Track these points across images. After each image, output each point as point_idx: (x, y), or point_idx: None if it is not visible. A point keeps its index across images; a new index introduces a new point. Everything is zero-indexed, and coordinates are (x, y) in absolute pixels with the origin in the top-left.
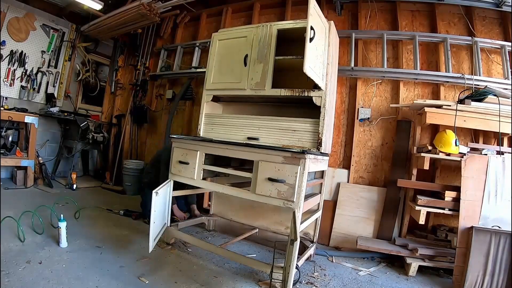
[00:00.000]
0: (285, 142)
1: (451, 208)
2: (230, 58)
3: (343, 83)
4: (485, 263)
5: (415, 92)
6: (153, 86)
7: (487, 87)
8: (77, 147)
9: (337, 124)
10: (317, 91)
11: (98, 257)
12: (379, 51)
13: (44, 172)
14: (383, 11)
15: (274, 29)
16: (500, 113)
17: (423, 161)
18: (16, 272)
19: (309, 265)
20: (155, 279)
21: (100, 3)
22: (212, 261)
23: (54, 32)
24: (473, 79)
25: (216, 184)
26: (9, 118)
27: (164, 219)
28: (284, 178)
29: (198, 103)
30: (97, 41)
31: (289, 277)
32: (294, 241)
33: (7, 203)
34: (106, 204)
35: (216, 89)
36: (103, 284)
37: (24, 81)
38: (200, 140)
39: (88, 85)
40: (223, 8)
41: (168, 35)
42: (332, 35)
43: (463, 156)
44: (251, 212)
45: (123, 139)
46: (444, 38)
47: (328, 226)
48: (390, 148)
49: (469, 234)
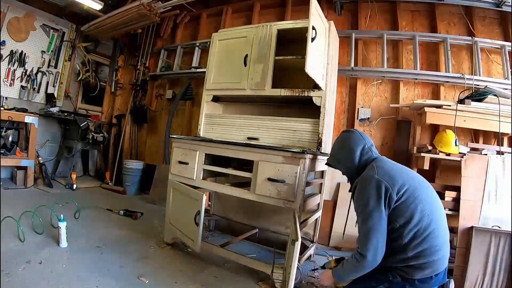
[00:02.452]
0: (285, 142)
1: (451, 208)
2: (230, 58)
3: (343, 83)
4: (485, 263)
5: (415, 92)
6: (153, 86)
7: (487, 87)
8: (77, 147)
9: (337, 124)
10: (317, 91)
11: (98, 257)
12: (379, 51)
13: (44, 172)
14: (383, 11)
15: (274, 29)
16: (500, 113)
17: (423, 161)
18: (16, 272)
19: (309, 265)
20: (155, 279)
21: (100, 3)
22: (212, 261)
23: (54, 32)
24: (473, 79)
25: (216, 184)
26: (9, 118)
27: None
28: (284, 178)
29: (198, 103)
30: (97, 41)
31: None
32: (295, 241)
33: (7, 203)
34: (106, 204)
35: (216, 89)
36: (103, 284)
37: (24, 81)
38: (200, 140)
39: (88, 85)
40: (223, 8)
41: (168, 35)
42: (332, 35)
43: (463, 156)
44: (251, 212)
45: (123, 139)
46: (444, 38)
47: (328, 226)
48: (390, 148)
49: (469, 234)
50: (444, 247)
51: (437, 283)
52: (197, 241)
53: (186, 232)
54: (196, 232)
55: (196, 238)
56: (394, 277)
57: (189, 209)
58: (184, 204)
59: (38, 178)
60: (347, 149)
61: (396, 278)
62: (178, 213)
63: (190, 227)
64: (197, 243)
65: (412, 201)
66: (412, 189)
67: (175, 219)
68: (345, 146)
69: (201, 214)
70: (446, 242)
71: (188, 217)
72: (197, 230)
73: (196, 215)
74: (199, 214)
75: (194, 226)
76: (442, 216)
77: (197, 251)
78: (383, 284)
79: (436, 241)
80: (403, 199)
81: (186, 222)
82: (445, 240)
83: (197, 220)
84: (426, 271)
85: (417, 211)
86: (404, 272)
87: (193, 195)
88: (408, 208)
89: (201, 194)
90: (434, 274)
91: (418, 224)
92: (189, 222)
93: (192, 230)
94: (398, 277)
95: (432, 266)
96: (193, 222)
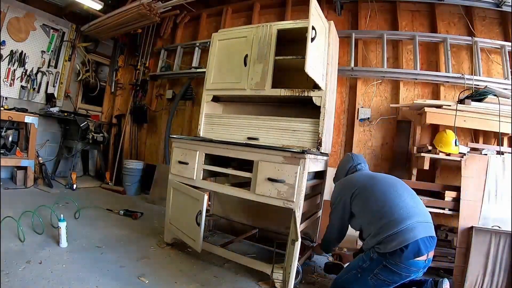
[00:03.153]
0: (285, 142)
1: (451, 208)
2: (230, 58)
3: (343, 83)
4: (485, 263)
5: (415, 92)
6: (153, 86)
7: (487, 87)
8: (77, 147)
9: (337, 124)
10: (317, 91)
11: (98, 257)
12: (379, 51)
13: (44, 172)
14: (383, 11)
15: (274, 29)
16: (500, 113)
17: (423, 161)
18: (16, 272)
19: (309, 265)
20: (155, 279)
21: (100, 3)
22: (212, 261)
23: (54, 32)
24: (473, 79)
25: (216, 184)
26: (9, 118)
27: None
28: (284, 178)
29: (198, 103)
30: (97, 41)
31: (290, 277)
32: (295, 241)
33: (7, 203)
34: (106, 204)
35: (216, 89)
36: (103, 284)
37: (24, 81)
38: (200, 140)
39: (88, 85)
40: (223, 8)
41: (168, 35)
42: (332, 35)
43: (463, 156)
44: (251, 212)
45: (123, 139)
46: (444, 38)
47: None
48: (390, 148)
49: (469, 234)
50: (404, 222)
51: (411, 255)
52: (198, 241)
53: (187, 232)
54: (197, 232)
55: (198, 238)
56: (373, 253)
57: (190, 209)
58: (184, 204)
59: (38, 178)
60: (340, 167)
61: (374, 254)
62: (179, 213)
63: (191, 227)
64: (199, 243)
65: (366, 195)
66: (368, 186)
67: (176, 219)
68: (340, 165)
69: (203, 214)
70: (408, 218)
71: (189, 217)
72: (199, 230)
73: (198, 215)
74: (201, 214)
75: (195, 226)
76: (401, 197)
77: (198, 251)
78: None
79: (393, 217)
80: (358, 195)
81: (187, 222)
82: (404, 217)
83: (198, 220)
84: (393, 243)
85: (370, 201)
86: (378, 248)
87: (194, 195)
88: (363, 200)
89: (203, 194)
90: (403, 246)
91: (374, 209)
92: (190, 222)
93: (193, 230)
94: (375, 253)
95: (396, 238)
96: (194, 222)
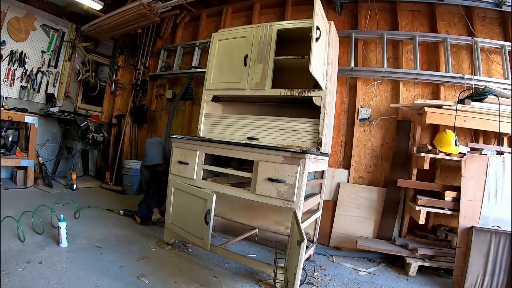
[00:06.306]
0: (285, 142)
1: (451, 208)
2: (230, 58)
3: (343, 83)
4: (485, 263)
5: (415, 92)
6: (153, 86)
7: (487, 87)
8: (77, 147)
9: (337, 124)
10: (317, 91)
11: (98, 257)
12: (379, 51)
13: (44, 172)
14: (383, 11)
15: (274, 29)
16: (500, 113)
17: (423, 161)
18: (16, 272)
19: (309, 265)
20: (155, 279)
21: (100, 3)
22: (212, 261)
23: (54, 32)
24: (473, 79)
25: (216, 184)
26: (9, 118)
27: None
28: (284, 178)
29: (198, 103)
30: (97, 41)
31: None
32: (301, 242)
33: (7, 203)
34: (106, 204)
35: (216, 89)
36: (103, 284)
37: (24, 81)
38: (200, 140)
39: (88, 85)
40: (223, 8)
41: (168, 35)
42: (332, 35)
43: (463, 156)
44: (251, 212)
45: (123, 139)
46: (444, 38)
47: (328, 226)
48: (390, 148)
49: (469, 234)
50: None
51: None
52: (207, 239)
53: (193, 231)
54: (206, 231)
55: (206, 237)
56: None
57: (196, 208)
58: (189, 204)
59: (38, 178)
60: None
61: None
62: (182, 212)
63: (198, 226)
64: (207, 241)
65: None
66: None
67: (179, 218)
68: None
69: (211, 213)
70: None
71: (195, 217)
72: (207, 228)
73: (207, 214)
74: (209, 213)
75: (203, 225)
76: None
77: (207, 249)
78: None
79: None
80: None
81: (193, 221)
82: None
83: (207, 219)
84: None
85: None
86: None
87: (201, 195)
88: None
89: (211, 194)
90: None
91: None
92: (196, 221)
93: (201, 229)
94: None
95: None
96: (203, 221)
